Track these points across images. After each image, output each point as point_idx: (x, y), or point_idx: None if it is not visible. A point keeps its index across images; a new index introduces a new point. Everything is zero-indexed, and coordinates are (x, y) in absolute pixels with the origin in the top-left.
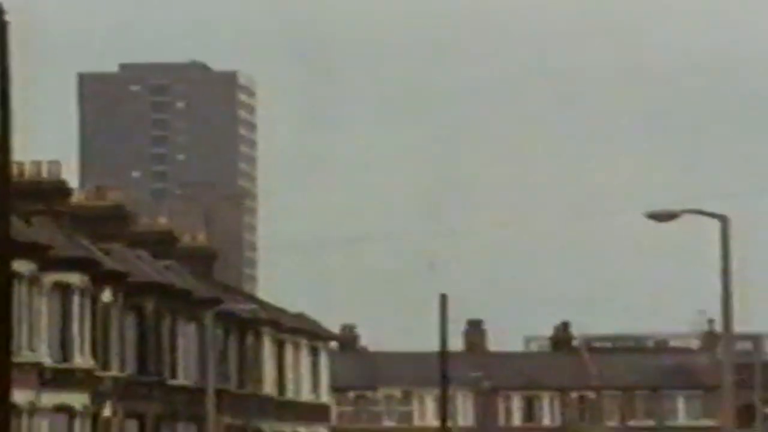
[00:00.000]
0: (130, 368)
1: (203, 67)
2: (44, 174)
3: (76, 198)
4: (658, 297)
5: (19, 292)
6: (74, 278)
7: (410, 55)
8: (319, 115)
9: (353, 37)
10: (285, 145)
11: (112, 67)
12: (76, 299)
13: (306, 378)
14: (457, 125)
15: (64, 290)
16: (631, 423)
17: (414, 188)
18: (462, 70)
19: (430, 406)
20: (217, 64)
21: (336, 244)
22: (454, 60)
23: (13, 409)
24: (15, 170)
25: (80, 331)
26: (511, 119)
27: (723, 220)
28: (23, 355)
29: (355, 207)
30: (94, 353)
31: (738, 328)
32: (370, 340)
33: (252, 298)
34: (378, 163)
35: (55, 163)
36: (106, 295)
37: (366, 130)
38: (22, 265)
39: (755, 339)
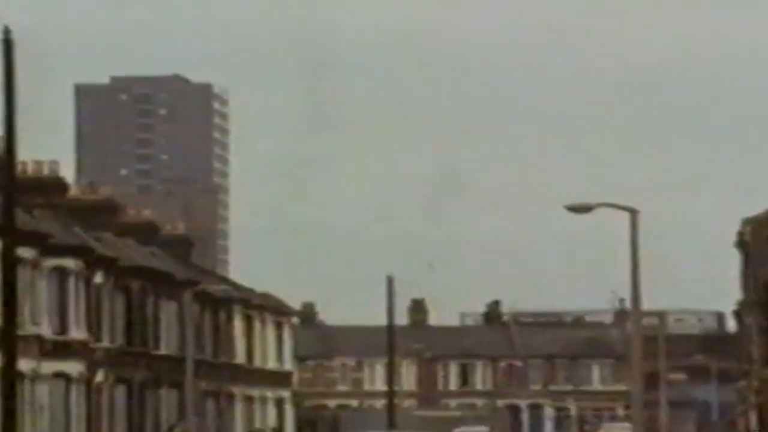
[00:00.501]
0: (120, 340)
1: (183, 80)
2: (45, 172)
3: (72, 193)
4: (577, 279)
5: (23, 274)
6: (70, 263)
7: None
8: (288, 121)
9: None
10: (255, 147)
11: (104, 79)
12: (72, 281)
13: (271, 348)
14: None
15: (61, 273)
16: (552, 387)
17: (369, 187)
18: None
19: (379, 373)
20: (196, 77)
21: (295, 232)
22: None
23: (18, 376)
24: (19, 168)
25: (76, 308)
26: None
27: (632, 212)
28: (26, 329)
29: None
30: (89, 327)
31: (645, 305)
32: (327, 315)
33: (225, 280)
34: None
35: (54, 163)
36: (98, 277)
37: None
38: (25, 251)
39: (660, 315)
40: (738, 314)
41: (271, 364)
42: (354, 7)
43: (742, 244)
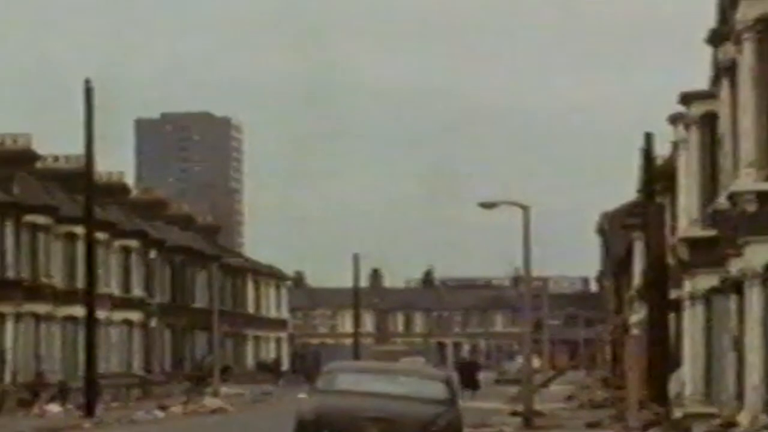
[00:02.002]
0: (166, 297)
1: (210, 115)
2: (114, 179)
3: (133, 194)
4: (486, 254)
5: (99, 252)
6: (132, 243)
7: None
8: (287, 145)
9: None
10: (261, 163)
11: (155, 115)
12: (133, 256)
13: (273, 303)
14: None
15: (126, 250)
16: (468, 330)
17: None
18: None
19: (348, 320)
20: (219, 112)
21: (291, 220)
22: None
23: (96, 322)
24: (96, 177)
25: (136, 275)
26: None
27: (524, 207)
28: (102, 290)
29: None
30: (145, 288)
31: (533, 273)
32: (312, 280)
33: (240, 255)
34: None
35: (120, 173)
36: (152, 254)
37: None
38: (100, 235)
39: (543, 279)
40: (598, 279)
41: (272, 314)
42: (355, 57)
43: (601, 231)
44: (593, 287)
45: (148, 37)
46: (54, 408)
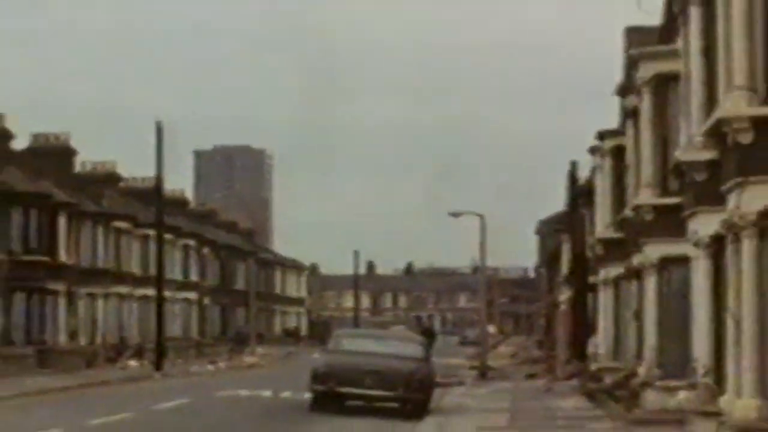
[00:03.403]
0: (216, 282)
1: (248, 146)
2: (177, 195)
3: (192, 206)
4: (452, 250)
5: (167, 248)
6: (191, 242)
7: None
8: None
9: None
10: (288, 181)
11: (209, 147)
12: (192, 251)
13: (294, 286)
14: None
15: (186, 247)
16: (439, 306)
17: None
18: None
19: (350, 299)
20: (255, 144)
21: (309, 226)
22: None
23: (163, 300)
24: (165, 194)
25: (193, 265)
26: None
27: (481, 216)
28: (168, 276)
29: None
30: (200, 275)
31: (488, 263)
32: (324, 269)
33: (271, 252)
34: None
35: (182, 190)
36: (205, 250)
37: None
38: (167, 236)
39: (495, 269)
40: (536, 269)
41: (294, 294)
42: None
43: (539, 232)
44: (532, 274)
45: (200, 81)
46: (133, 363)
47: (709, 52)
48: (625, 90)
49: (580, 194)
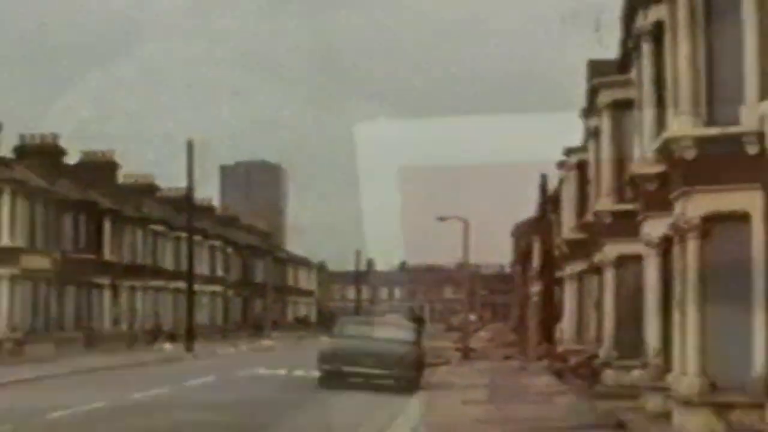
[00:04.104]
0: (238, 276)
1: (266, 161)
2: (205, 203)
3: (218, 212)
4: (442, 249)
5: (196, 249)
6: (217, 243)
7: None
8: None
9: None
10: (301, 195)
11: (231, 162)
12: (218, 252)
13: (305, 280)
14: None
15: (212, 247)
16: (429, 297)
17: None
18: None
19: (352, 292)
20: (272, 159)
21: (317, 227)
22: None
23: (193, 292)
24: (195, 202)
25: (219, 262)
26: None
27: (464, 220)
28: (197, 271)
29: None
30: (224, 270)
31: (471, 261)
32: (331, 266)
33: (285, 251)
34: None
35: (209, 199)
36: (229, 249)
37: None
38: (197, 238)
39: (477, 266)
40: (511, 265)
41: (305, 287)
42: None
43: (514, 234)
44: (508, 270)
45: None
46: (167, 346)
47: (658, 81)
48: (588, 112)
49: (549, 201)
